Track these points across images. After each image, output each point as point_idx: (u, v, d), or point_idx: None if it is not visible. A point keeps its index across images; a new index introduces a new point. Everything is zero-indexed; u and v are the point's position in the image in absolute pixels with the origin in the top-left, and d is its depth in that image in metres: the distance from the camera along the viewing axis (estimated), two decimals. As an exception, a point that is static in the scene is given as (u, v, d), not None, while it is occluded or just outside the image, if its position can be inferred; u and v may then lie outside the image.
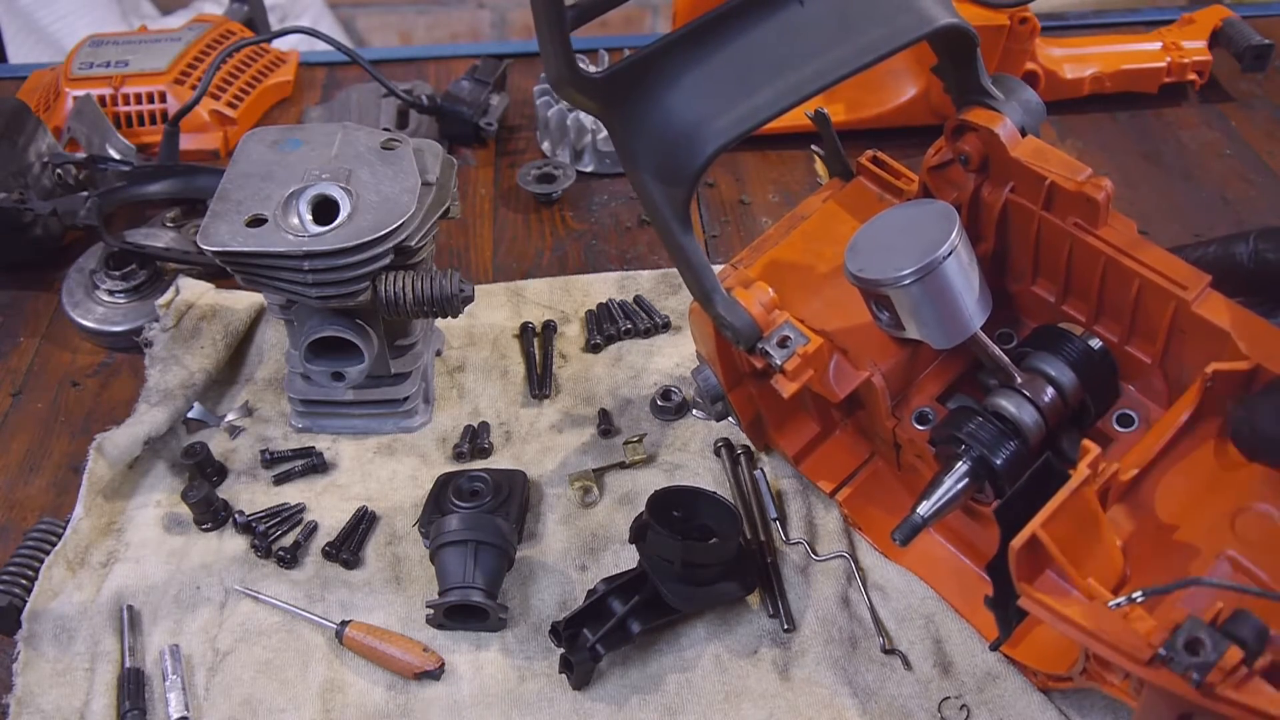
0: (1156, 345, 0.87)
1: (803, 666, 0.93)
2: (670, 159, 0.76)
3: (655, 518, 0.93)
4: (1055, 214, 0.88)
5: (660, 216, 0.80)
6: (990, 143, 0.88)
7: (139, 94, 1.52)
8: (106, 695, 0.92)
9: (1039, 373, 0.89)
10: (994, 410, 0.87)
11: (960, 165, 0.92)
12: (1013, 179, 0.89)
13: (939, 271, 0.83)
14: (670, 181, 0.77)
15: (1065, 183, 0.86)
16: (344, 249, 0.95)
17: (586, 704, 0.91)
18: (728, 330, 0.85)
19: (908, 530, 0.85)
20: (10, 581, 0.98)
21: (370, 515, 1.05)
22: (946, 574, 0.97)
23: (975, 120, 0.88)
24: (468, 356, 1.21)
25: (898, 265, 0.83)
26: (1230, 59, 1.56)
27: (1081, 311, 0.92)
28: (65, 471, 1.12)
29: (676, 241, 0.81)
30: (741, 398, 0.99)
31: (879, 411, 0.92)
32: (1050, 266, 0.92)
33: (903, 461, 0.97)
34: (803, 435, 1.04)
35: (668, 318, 1.23)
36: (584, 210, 1.43)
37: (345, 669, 0.94)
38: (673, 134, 0.76)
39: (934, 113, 1.48)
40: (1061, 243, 0.89)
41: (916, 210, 0.89)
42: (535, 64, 1.69)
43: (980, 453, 0.85)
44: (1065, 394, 0.88)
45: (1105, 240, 0.86)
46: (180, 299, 1.21)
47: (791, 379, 0.84)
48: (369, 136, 1.06)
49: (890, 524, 0.96)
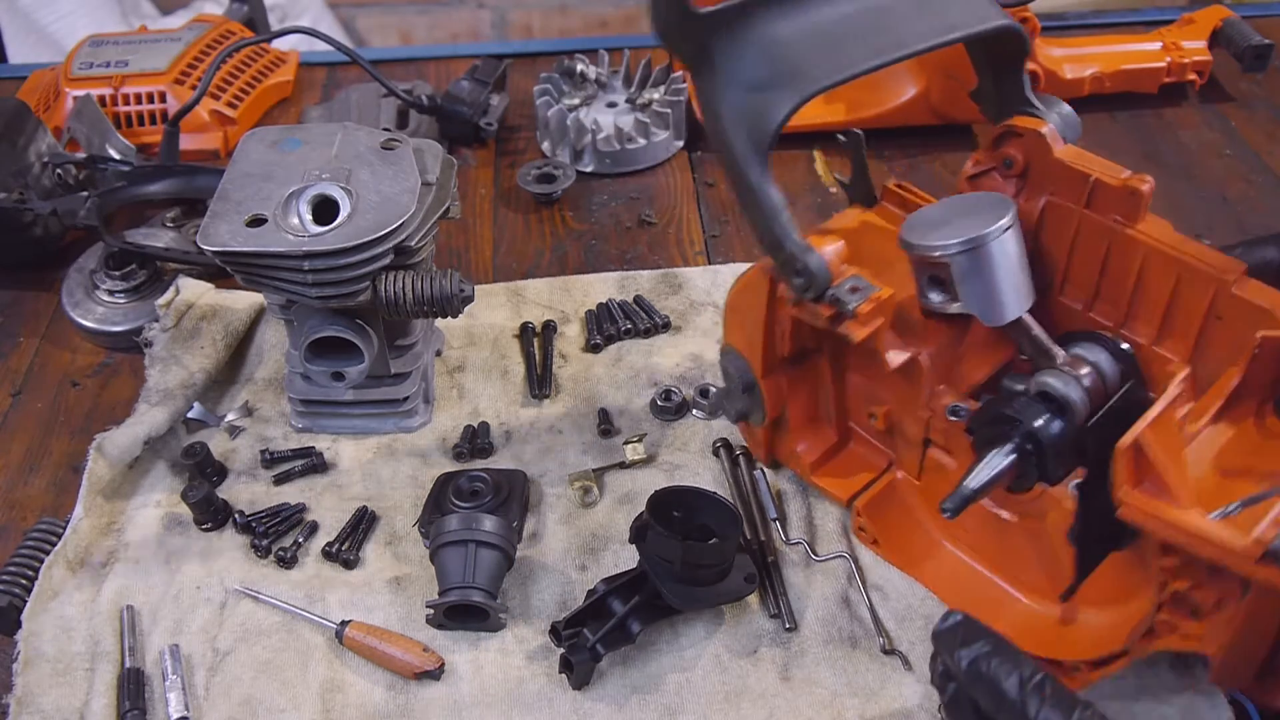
0: (1189, 341, 0.89)
1: (803, 666, 0.93)
2: (763, 98, 0.80)
3: (655, 518, 0.93)
4: (1096, 211, 0.91)
5: (740, 160, 0.82)
6: (1035, 146, 0.91)
7: (139, 94, 1.52)
8: (106, 695, 0.92)
9: (1079, 358, 0.91)
10: (1039, 389, 0.88)
11: (999, 174, 0.95)
12: (1053, 182, 0.92)
13: (1002, 240, 0.86)
14: (758, 124, 0.80)
15: (1109, 179, 0.88)
16: (344, 249, 0.95)
17: (586, 704, 0.91)
18: (799, 277, 0.85)
19: (958, 500, 0.85)
20: (10, 581, 0.98)
21: (370, 515, 1.06)
22: (965, 587, 0.97)
23: (1022, 126, 0.91)
24: (468, 356, 1.21)
25: (960, 233, 0.86)
26: (1230, 59, 1.56)
27: (1110, 317, 0.93)
28: (65, 471, 1.12)
29: (754, 184, 0.83)
30: (772, 388, 0.98)
31: (917, 398, 0.92)
32: (1082, 271, 0.93)
33: (926, 464, 0.97)
34: (822, 441, 1.03)
35: (668, 318, 1.23)
36: (584, 210, 1.43)
37: (345, 669, 0.94)
38: (769, 73, 0.80)
39: (934, 113, 1.49)
40: (1099, 241, 0.91)
41: (974, 198, 0.92)
42: (535, 64, 1.69)
43: (1029, 428, 0.85)
44: (1105, 378, 0.90)
45: (1145, 233, 0.89)
46: (180, 299, 1.21)
47: (864, 324, 0.84)
48: (369, 136, 1.06)
49: (908, 534, 0.98)
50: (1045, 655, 0.90)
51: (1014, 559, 0.95)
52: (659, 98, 1.50)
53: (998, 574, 0.96)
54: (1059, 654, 0.89)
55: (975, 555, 0.98)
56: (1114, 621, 0.87)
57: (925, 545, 1.00)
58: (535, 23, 3.02)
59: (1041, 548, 0.92)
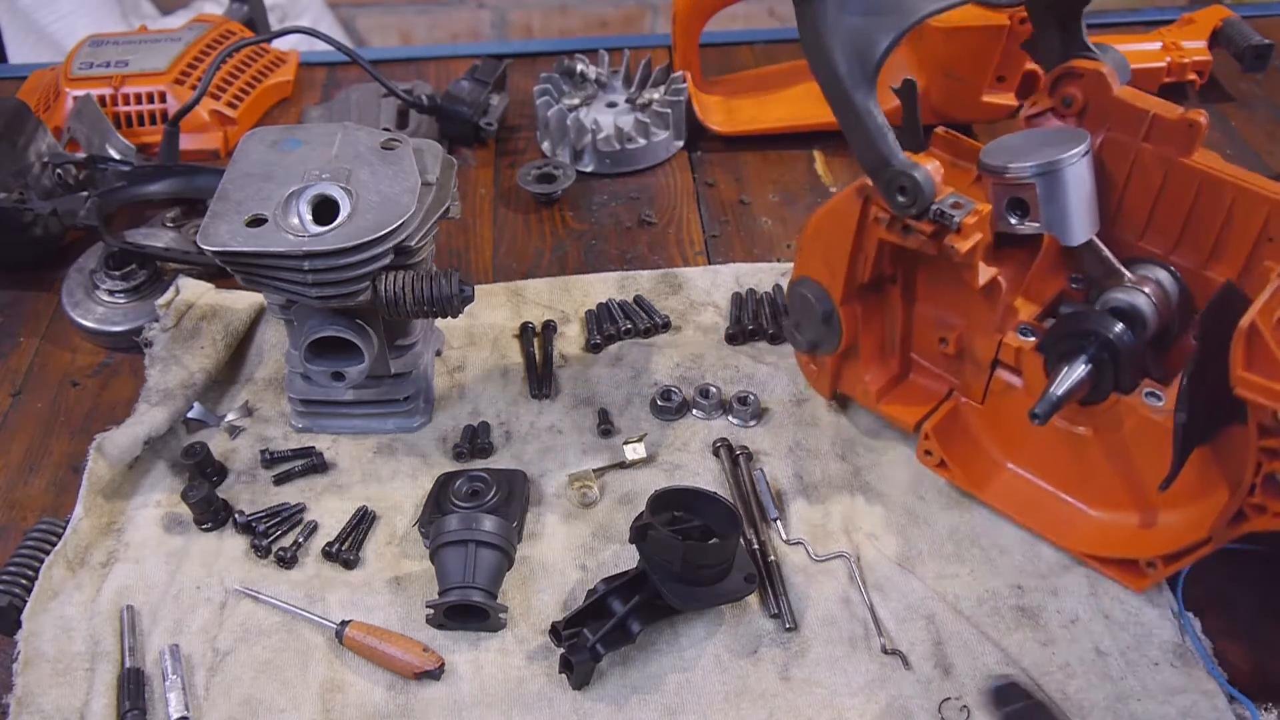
0: (1238, 263, 0.95)
1: (803, 666, 0.93)
2: (874, 19, 0.85)
3: (655, 518, 0.93)
4: (1153, 144, 0.96)
5: (847, 84, 0.86)
6: (1096, 84, 0.97)
7: (139, 94, 1.52)
8: (106, 695, 0.92)
9: (1144, 277, 0.98)
10: (1110, 305, 0.95)
11: (1055, 114, 1.01)
12: (1111, 119, 0.98)
13: (1080, 164, 0.92)
14: (865, 47, 0.85)
15: (1167, 114, 0.94)
16: (344, 249, 0.95)
17: (586, 704, 0.91)
18: (904, 195, 0.89)
19: (1046, 406, 0.90)
20: (10, 581, 0.98)
21: (370, 515, 1.06)
22: (1032, 505, 1.01)
23: (1082, 67, 0.97)
24: (468, 356, 1.21)
25: (1043, 157, 0.92)
26: (1230, 59, 1.56)
27: (1159, 245, 0.99)
28: (65, 471, 1.12)
29: (860, 106, 0.87)
30: (850, 315, 1.02)
31: (992, 319, 0.97)
32: (1136, 203, 0.99)
33: (992, 387, 1.01)
34: (886, 371, 1.08)
35: (667, 317, 1.23)
36: (584, 210, 1.43)
37: (345, 669, 0.94)
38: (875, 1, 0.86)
39: (934, 113, 1.48)
40: (1155, 173, 0.97)
41: (1048, 131, 0.99)
42: (535, 64, 1.69)
43: (1106, 338, 0.91)
44: (1168, 292, 0.97)
45: (1201, 162, 0.94)
46: (180, 299, 1.21)
47: (967, 236, 0.90)
48: (369, 136, 1.06)
49: (974, 457, 1.04)
50: (1123, 555, 0.95)
51: (1084, 473, 0.99)
52: (659, 98, 1.50)
53: (1066, 490, 1.01)
54: (1137, 553, 0.94)
55: (1042, 474, 1.02)
56: (1192, 518, 0.92)
57: (989, 467, 1.04)
58: (535, 23, 3.03)
59: (1115, 458, 0.96)
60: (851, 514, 1.04)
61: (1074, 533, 0.99)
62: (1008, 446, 1.04)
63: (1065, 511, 1.01)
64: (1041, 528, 1.00)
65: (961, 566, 1.00)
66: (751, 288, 1.27)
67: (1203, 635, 0.94)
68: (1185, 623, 0.95)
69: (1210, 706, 0.89)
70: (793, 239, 1.37)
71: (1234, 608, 0.96)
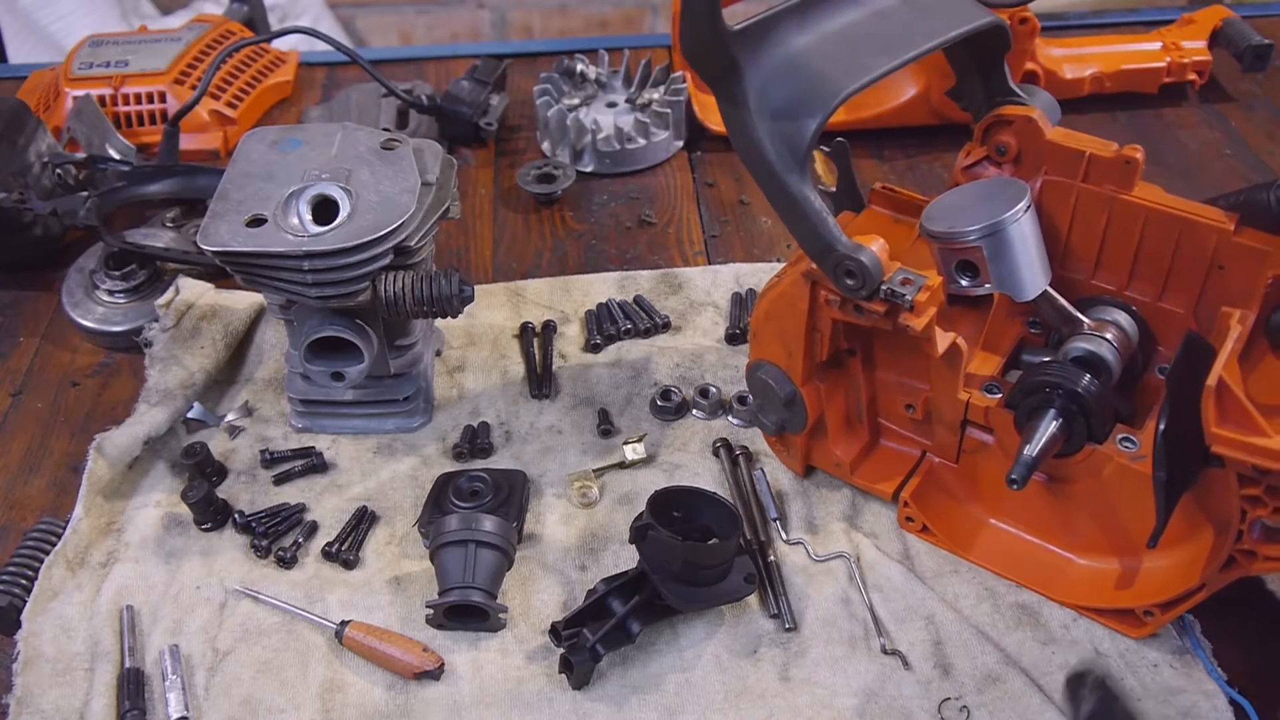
0: (1192, 293, 0.95)
1: (803, 666, 0.93)
2: (797, 106, 0.83)
3: (655, 518, 0.93)
4: (1093, 184, 0.96)
5: (776, 171, 0.84)
6: (1027, 131, 0.96)
7: (139, 94, 1.52)
8: (106, 695, 0.92)
9: (1102, 320, 0.97)
10: (1073, 354, 0.94)
11: (991, 162, 1.00)
12: (1048, 163, 0.97)
13: (1024, 219, 0.90)
14: (794, 132, 0.83)
15: (1103, 152, 0.94)
16: (344, 249, 0.95)
17: (586, 704, 0.91)
18: (852, 278, 0.87)
19: (1022, 469, 0.88)
20: (10, 581, 0.98)
21: (370, 515, 1.06)
22: (1019, 559, 0.99)
23: (1011, 114, 0.96)
24: (468, 356, 1.21)
25: (986, 216, 0.90)
26: (1230, 59, 1.56)
27: (1111, 282, 0.99)
28: (65, 471, 1.12)
29: (795, 192, 0.85)
30: (813, 395, 1.00)
31: (956, 381, 0.95)
32: (1082, 242, 0.99)
33: (965, 446, 0.99)
34: (856, 442, 1.05)
35: (667, 318, 1.23)
36: (584, 210, 1.43)
37: (345, 669, 0.94)
38: (801, 81, 0.84)
39: (933, 113, 1.49)
40: (1098, 212, 0.96)
41: (982, 184, 0.97)
42: (535, 64, 1.69)
43: (1072, 390, 0.89)
44: (1128, 333, 0.96)
45: (1143, 197, 0.94)
46: (180, 299, 1.21)
47: (921, 313, 0.88)
48: (369, 136, 1.06)
49: (956, 517, 1.02)
50: (1114, 606, 0.94)
51: (1067, 522, 0.98)
52: (659, 98, 1.50)
53: (1051, 540, 0.99)
54: (1129, 603, 0.93)
55: (1024, 526, 1.01)
56: (1178, 562, 0.91)
57: (972, 525, 1.02)
58: (535, 23, 3.02)
59: (1097, 504, 0.94)
60: (851, 514, 1.04)
61: (1065, 584, 0.97)
62: (988, 503, 1.01)
63: (1053, 562, 0.98)
64: (1032, 582, 0.98)
65: (961, 566, 1.00)
66: (751, 288, 1.27)
67: (1202, 637, 0.94)
68: (1185, 624, 0.95)
69: (1210, 707, 0.89)
70: (792, 239, 1.36)
71: (1234, 609, 0.96)
